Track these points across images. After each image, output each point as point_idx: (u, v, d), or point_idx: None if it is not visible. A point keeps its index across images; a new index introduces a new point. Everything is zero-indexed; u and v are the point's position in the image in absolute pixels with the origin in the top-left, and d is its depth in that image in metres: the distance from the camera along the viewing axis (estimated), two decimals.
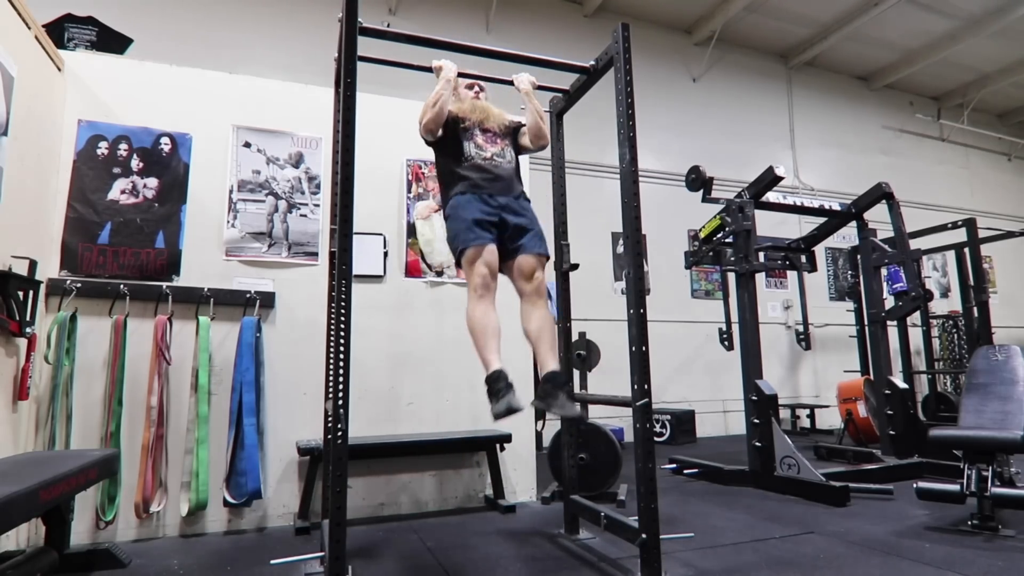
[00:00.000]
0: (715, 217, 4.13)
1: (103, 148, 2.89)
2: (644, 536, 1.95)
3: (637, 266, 2.12)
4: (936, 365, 7.30)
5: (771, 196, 4.11)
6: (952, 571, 2.13)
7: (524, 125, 2.59)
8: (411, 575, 2.23)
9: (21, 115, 2.40)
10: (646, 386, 2.05)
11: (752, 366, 3.75)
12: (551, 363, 2.27)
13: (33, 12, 2.50)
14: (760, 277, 6.72)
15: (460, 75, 2.56)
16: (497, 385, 2.12)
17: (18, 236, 2.42)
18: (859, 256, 5.01)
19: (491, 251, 2.29)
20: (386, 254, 3.35)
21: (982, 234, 6.06)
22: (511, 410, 2.04)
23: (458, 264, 2.38)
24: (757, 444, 3.63)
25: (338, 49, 2.16)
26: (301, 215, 3.19)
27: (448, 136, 2.47)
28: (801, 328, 4.96)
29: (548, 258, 2.46)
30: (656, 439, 3.57)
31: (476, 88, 2.63)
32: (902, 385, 4.17)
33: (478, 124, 2.48)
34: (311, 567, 2.22)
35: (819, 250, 5.22)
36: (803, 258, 4.67)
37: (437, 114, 2.38)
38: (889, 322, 4.41)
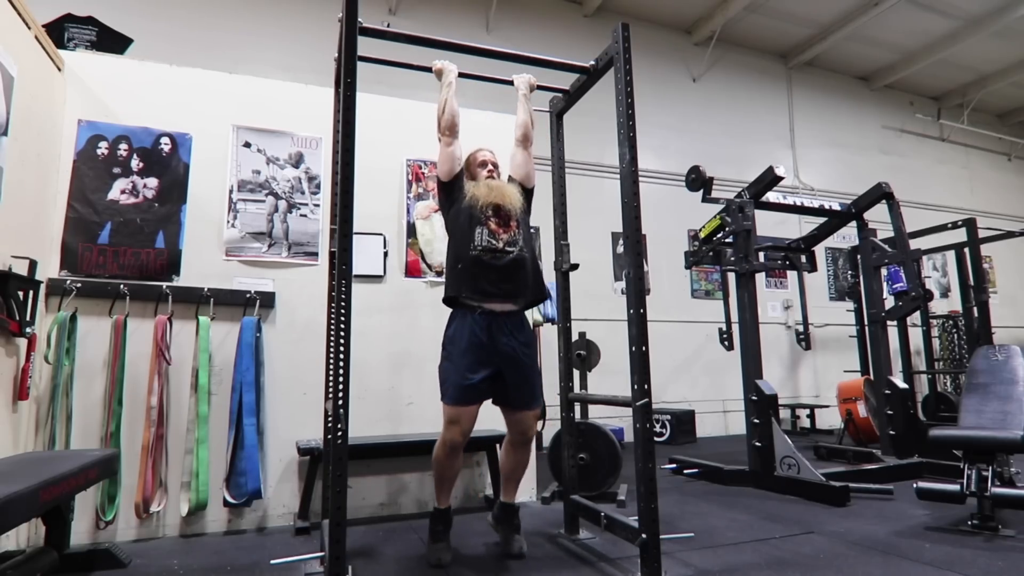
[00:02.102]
0: (715, 217, 4.13)
1: (103, 148, 2.89)
2: (644, 536, 1.95)
3: (637, 266, 2.12)
4: (936, 365, 7.30)
5: (771, 196, 4.11)
6: (952, 571, 2.13)
7: (526, 179, 2.56)
8: (411, 575, 2.23)
9: (21, 115, 2.40)
10: (646, 386, 2.05)
11: (752, 366, 3.75)
12: (512, 495, 2.51)
13: (33, 12, 2.50)
14: (760, 277, 6.72)
15: (461, 75, 2.56)
16: (437, 527, 2.38)
17: (18, 236, 2.42)
18: (859, 256, 5.01)
19: (471, 414, 2.32)
20: (386, 254, 3.35)
21: (982, 234, 6.06)
22: (440, 565, 2.27)
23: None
24: (757, 444, 3.63)
25: (338, 49, 2.16)
26: (301, 215, 3.19)
27: (461, 205, 2.39)
28: (801, 328, 4.95)
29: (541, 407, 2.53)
30: (656, 439, 3.57)
31: (489, 167, 2.53)
32: (902, 385, 4.17)
33: (492, 204, 2.36)
34: (311, 567, 2.22)
35: (819, 250, 5.22)
36: (803, 258, 4.66)
37: (450, 116, 2.36)
38: (889, 322, 4.41)
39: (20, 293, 2.38)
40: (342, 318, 1.90)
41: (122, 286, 2.78)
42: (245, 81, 3.26)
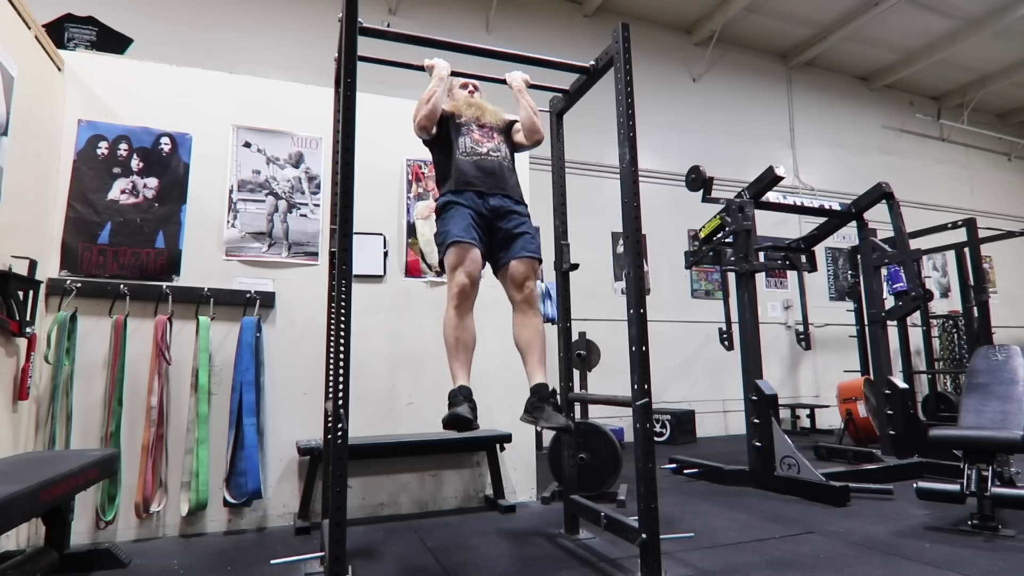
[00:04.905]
0: (715, 217, 4.12)
1: (103, 148, 2.89)
2: (644, 536, 1.95)
3: (637, 266, 2.12)
4: (936, 365, 7.30)
5: (771, 196, 4.11)
6: (952, 571, 2.13)
7: (518, 126, 2.57)
8: (411, 575, 2.23)
9: (21, 115, 2.40)
10: (646, 386, 2.04)
11: (752, 366, 3.75)
12: (538, 375, 2.29)
13: (33, 12, 2.50)
14: (760, 277, 6.72)
15: (456, 74, 2.56)
16: (456, 399, 2.13)
17: (18, 236, 2.42)
18: (859, 256, 5.01)
19: (475, 257, 2.24)
20: (386, 254, 3.35)
21: (982, 234, 6.06)
22: (455, 417, 2.04)
23: (441, 265, 2.36)
24: (757, 444, 3.63)
25: (338, 49, 2.16)
26: (301, 215, 3.19)
27: (443, 133, 2.46)
28: (801, 328, 4.96)
29: (541, 262, 2.44)
30: (656, 439, 3.57)
31: (471, 87, 2.63)
32: (902, 385, 4.17)
33: (474, 120, 2.47)
34: (311, 567, 2.22)
35: (819, 250, 5.22)
36: (803, 258, 4.66)
37: (431, 111, 2.37)
38: (889, 322, 4.41)
39: (20, 293, 2.38)
40: (342, 318, 1.90)
41: (122, 286, 2.78)
42: (245, 81, 3.26)
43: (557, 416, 2.19)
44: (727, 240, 4.08)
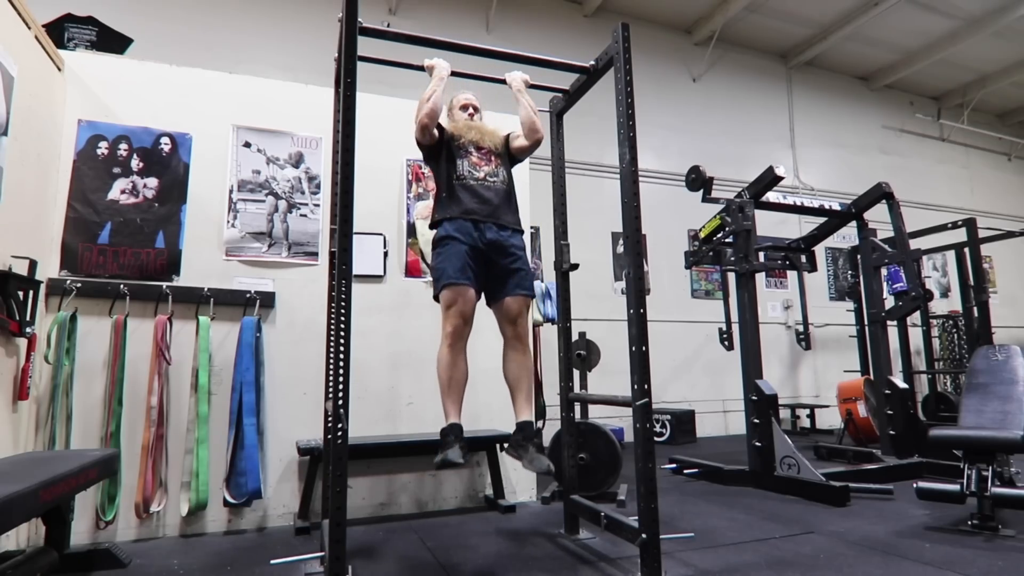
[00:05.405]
0: (715, 217, 4.12)
1: (103, 148, 2.89)
2: (644, 536, 1.95)
3: (637, 266, 2.12)
4: (936, 365, 7.30)
5: (771, 196, 4.11)
6: (952, 571, 2.13)
7: (517, 131, 2.57)
8: (411, 575, 2.23)
9: (21, 115, 2.40)
10: (646, 386, 2.05)
11: (752, 366, 3.75)
12: (524, 413, 2.35)
13: (33, 12, 2.50)
14: (760, 277, 6.72)
15: (456, 74, 2.56)
16: (447, 438, 2.24)
17: (18, 236, 2.42)
18: (859, 256, 5.01)
19: (469, 297, 2.30)
20: (386, 254, 3.35)
21: (982, 234, 6.06)
22: (445, 463, 2.16)
23: (436, 298, 2.38)
24: (757, 444, 3.63)
25: (338, 49, 2.16)
26: (301, 215, 3.19)
27: (443, 152, 2.46)
28: (801, 328, 4.96)
29: (533, 297, 2.49)
30: (656, 439, 3.57)
31: (471, 110, 2.62)
32: (902, 385, 4.17)
33: (472, 143, 2.47)
34: (311, 567, 2.22)
35: (819, 250, 5.22)
36: (803, 258, 4.66)
37: (431, 109, 2.36)
38: (889, 322, 4.41)
39: (20, 293, 2.38)
40: (342, 318, 1.90)
41: (122, 286, 2.78)
42: (245, 81, 3.26)
43: (540, 459, 2.23)
44: (727, 240, 4.08)
